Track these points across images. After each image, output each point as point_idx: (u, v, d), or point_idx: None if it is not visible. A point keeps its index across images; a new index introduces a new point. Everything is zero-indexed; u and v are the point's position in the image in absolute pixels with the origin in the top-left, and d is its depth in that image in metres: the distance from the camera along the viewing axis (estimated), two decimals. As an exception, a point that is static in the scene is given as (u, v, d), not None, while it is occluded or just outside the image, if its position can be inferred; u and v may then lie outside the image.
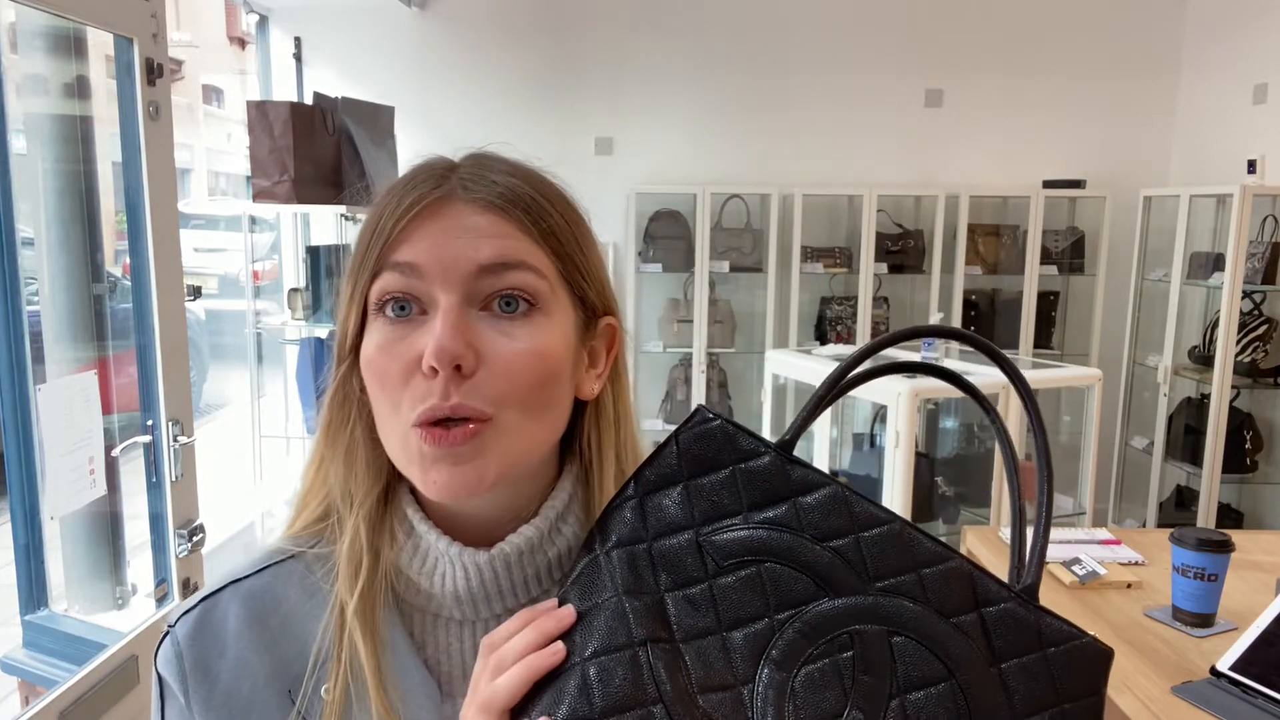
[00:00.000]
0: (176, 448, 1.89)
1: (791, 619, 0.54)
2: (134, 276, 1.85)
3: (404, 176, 0.62)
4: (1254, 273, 3.41)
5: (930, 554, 0.55)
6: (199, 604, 0.63)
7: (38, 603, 1.97)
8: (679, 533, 0.56)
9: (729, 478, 0.56)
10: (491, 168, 0.63)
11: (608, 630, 0.53)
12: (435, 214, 0.59)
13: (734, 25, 4.13)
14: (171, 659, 0.62)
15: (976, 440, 3.36)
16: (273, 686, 0.60)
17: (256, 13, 4.05)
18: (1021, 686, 0.53)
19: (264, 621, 0.62)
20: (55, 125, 1.97)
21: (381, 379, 0.58)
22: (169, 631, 0.63)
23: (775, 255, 4.04)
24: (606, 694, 0.51)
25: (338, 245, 3.08)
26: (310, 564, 0.64)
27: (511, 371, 0.57)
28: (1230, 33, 3.89)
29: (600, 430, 0.65)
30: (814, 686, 0.52)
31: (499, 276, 0.58)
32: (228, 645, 0.61)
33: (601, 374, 0.65)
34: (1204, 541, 1.55)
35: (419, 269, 0.57)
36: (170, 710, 0.62)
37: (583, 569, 0.56)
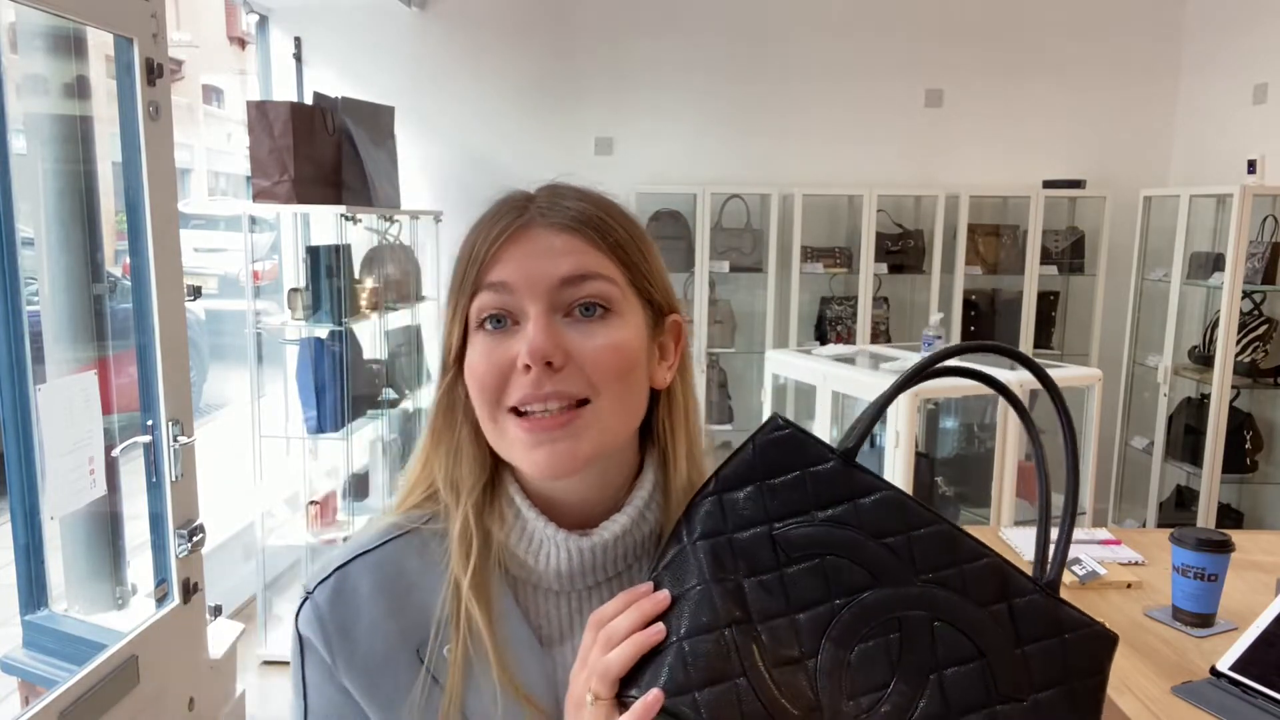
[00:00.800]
0: (176, 448, 1.89)
1: (849, 604, 0.62)
2: (134, 276, 1.86)
3: (490, 210, 0.72)
4: (1254, 273, 3.41)
5: (970, 552, 0.64)
6: (334, 573, 0.72)
7: (38, 603, 1.97)
8: (755, 527, 0.64)
9: (798, 479, 0.65)
10: (563, 195, 0.72)
11: (698, 613, 0.61)
12: (519, 239, 0.69)
13: (734, 26, 4.13)
14: (314, 621, 0.70)
15: (976, 440, 3.36)
16: (403, 646, 0.69)
17: (256, 13, 4.05)
18: (1040, 665, 0.62)
19: (391, 589, 0.71)
20: (55, 125, 1.97)
21: (483, 381, 0.68)
22: (308, 597, 0.71)
23: (775, 255, 4.04)
24: (699, 666, 0.59)
25: (338, 245, 3.08)
26: (425, 539, 0.73)
27: (596, 365, 0.67)
28: (1230, 33, 3.89)
29: (672, 416, 0.75)
30: (866, 662, 0.61)
31: (577, 286, 0.67)
32: (362, 609, 0.70)
33: (672, 365, 0.75)
34: (1204, 541, 1.55)
35: (510, 286, 0.67)
36: (311, 665, 0.71)
37: (673, 557, 0.65)
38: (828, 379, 2.94)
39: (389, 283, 3.52)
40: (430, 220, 4.02)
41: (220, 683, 2.36)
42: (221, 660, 2.35)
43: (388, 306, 3.46)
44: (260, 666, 3.19)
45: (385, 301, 3.42)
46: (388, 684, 0.69)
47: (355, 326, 3.25)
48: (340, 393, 3.10)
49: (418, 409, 3.94)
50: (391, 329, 3.63)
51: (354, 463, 3.36)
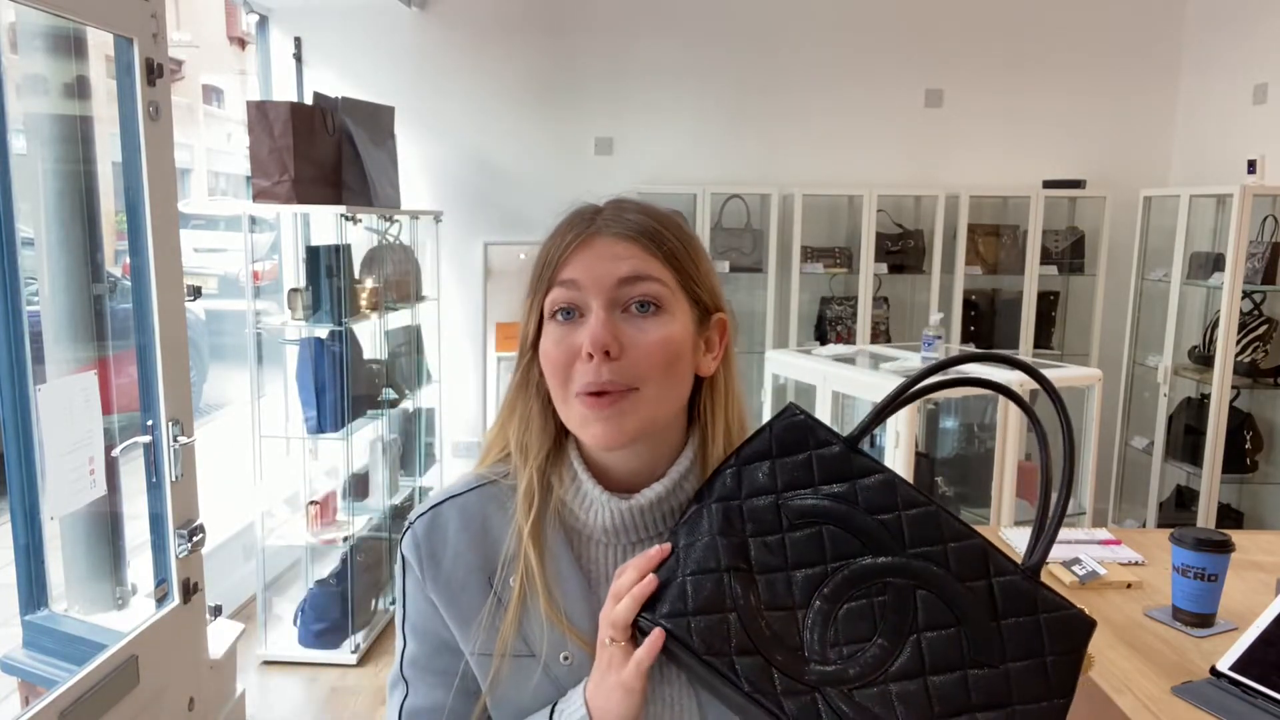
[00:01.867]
0: (176, 448, 1.89)
1: (841, 567, 0.71)
2: (134, 276, 1.85)
3: (564, 220, 0.85)
4: (1254, 273, 3.40)
5: (956, 532, 0.71)
6: (430, 509, 0.88)
7: (38, 603, 1.97)
8: (765, 495, 0.75)
9: (806, 459, 0.75)
10: (626, 209, 0.85)
11: (702, 557, 0.73)
12: (587, 245, 0.82)
13: (734, 25, 4.13)
14: (413, 546, 0.87)
15: (976, 440, 3.36)
16: (479, 574, 0.85)
17: (256, 13, 4.05)
18: (1014, 638, 0.69)
19: (472, 527, 0.87)
20: (55, 125, 1.97)
21: (555, 364, 0.81)
22: (409, 527, 0.88)
23: (775, 255, 4.04)
24: (697, 599, 0.71)
25: (338, 245, 3.08)
26: (503, 490, 0.88)
27: (648, 355, 0.79)
28: (1230, 33, 3.89)
29: (714, 401, 0.87)
30: (852, 617, 0.70)
31: (633, 286, 0.80)
32: (449, 540, 0.86)
33: (716, 356, 0.87)
34: (1204, 541, 1.55)
35: (578, 284, 0.80)
36: (409, 581, 0.88)
37: (690, 514, 0.77)
38: (828, 379, 2.94)
39: (389, 283, 3.52)
40: (430, 220, 4.02)
41: (220, 683, 2.36)
42: (221, 660, 2.35)
43: (388, 306, 3.46)
44: (260, 666, 3.18)
45: (385, 301, 3.42)
46: (464, 602, 0.85)
47: (355, 326, 3.25)
48: (340, 393, 3.10)
49: (418, 409, 3.94)
50: (391, 329, 3.63)
51: (354, 463, 3.36)
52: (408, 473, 3.87)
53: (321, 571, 3.41)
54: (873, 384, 2.86)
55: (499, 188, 4.13)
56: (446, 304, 4.15)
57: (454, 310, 4.24)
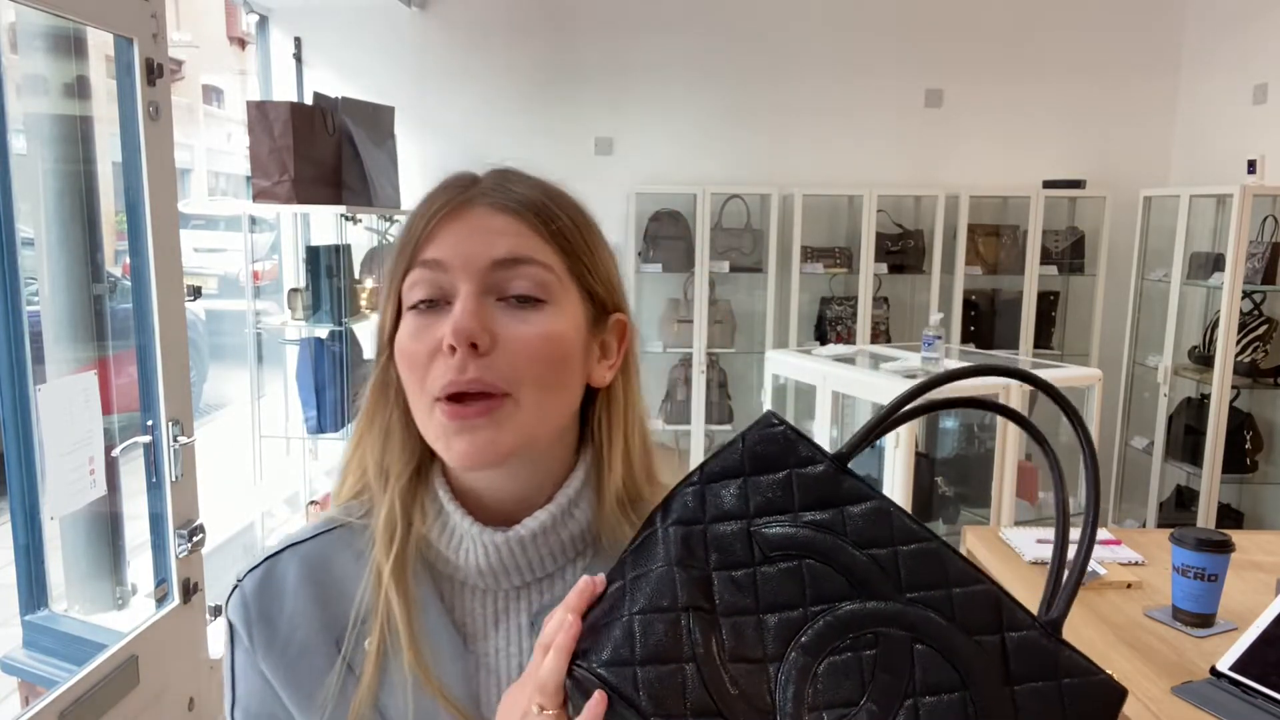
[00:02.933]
0: (176, 448, 1.89)
1: (824, 612, 0.58)
2: (134, 276, 1.85)
3: (434, 188, 0.70)
4: (1254, 273, 3.40)
5: (962, 574, 0.59)
6: (263, 562, 0.72)
7: (38, 603, 1.97)
8: (733, 520, 0.60)
9: (785, 479, 0.61)
10: (511, 179, 0.71)
11: (655, 592, 0.58)
12: (458, 216, 0.67)
13: (734, 25, 4.13)
14: (239, 608, 0.71)
15: (976, 440, 3.36)
16: (323, 636, 0.69)
17: (256, 13, 4.05)
18: (1031, 707, 0.56)
19: (317, 580, 0.71)
20: (55, 125, 1.97)
21: (411, 362, 0.66)
22: (237, 585, 0.72)
23: (775, 255, 4.04)
24: (646, 645, 0.56)
25: (338, 245, 3.08)
26: (356, 532, 0.72)
27: (525, 352, 0.65)
28: (1230, 33, 3.89)
29: (610, 416, 0.72)
30: (836, 674, 0.57)
31: (512, 269, 0.66)
32: (286, 598, 0.70)
33: (613, 365, 0.72)
34: (1204, 541, 1.55)
35: (443, 264, 0.66)
36: (238, 651, 0.72)
37: (643, 539, 0.62)
38: (828, 379, 2.94)
39: (389, 283, 3.51)
40: (430, 220, 4.02)
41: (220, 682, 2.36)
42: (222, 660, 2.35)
43: (388, 306, 3.46)
44: (260, 666, 3.18)
45: (385, 301, 3.42)
46: (305, 673, 0.69)
47: (355, 326, 3.25)
48: (340, 393, 3.10)
49: (418, 409, 3.93)
50: (391, 329, 3.63)
51: (354, 463, 3.36)
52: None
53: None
54: (873, 384, 2.86)
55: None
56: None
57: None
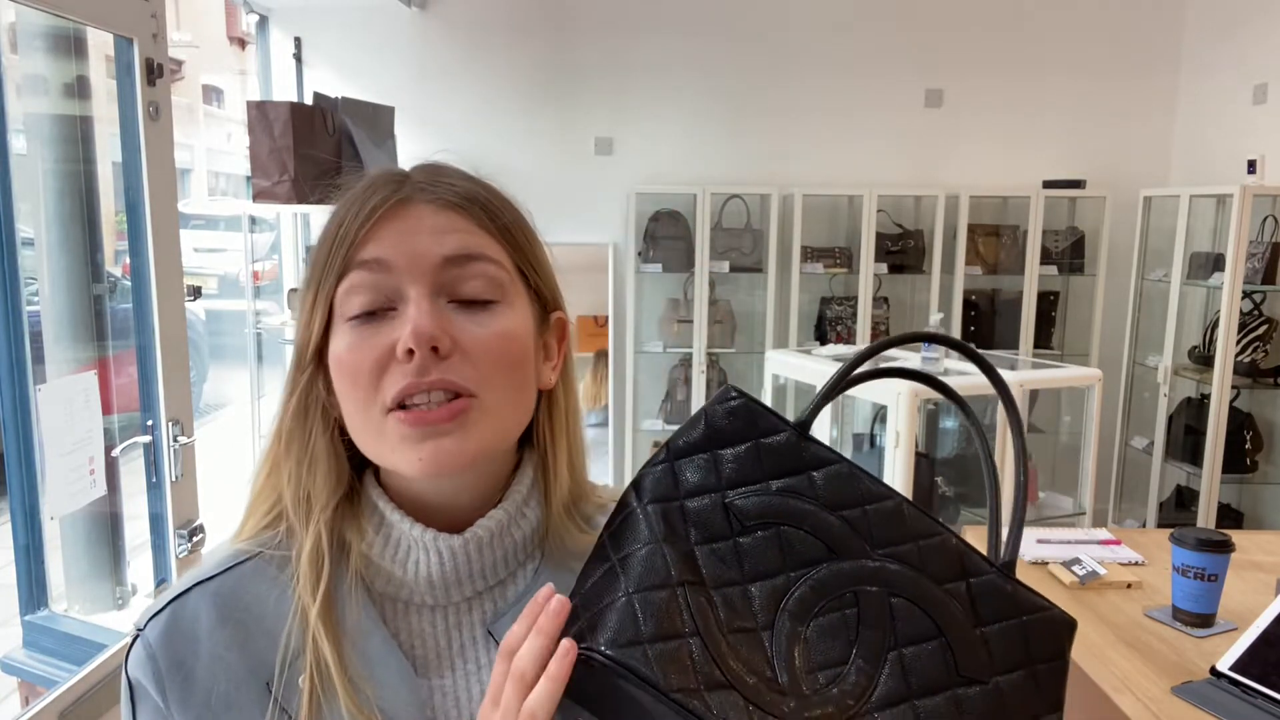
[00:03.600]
0: (176, 448, 1.89)
1: (804, 576, 0.60)
2: (134, 276, 1.85)
3: (359, 186, 0.65)
4: (1254, 273, 3.40)
5: (925, 528, 0.62)
6: (167, 606, 0.64)
7: (38, 603, 1.97)
8: (707, 494, 0.62)
9: (750, 450, 0.63)
10: (444, 173, 0.67)
11: (647, 570, 0.58)
12: (398, 215, 0.63)
13: (734, 25, 4.13)
14: (144, 661, 0.62)
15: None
16: (250, 681, 0.62)
17: (256, 13, 4.05)
18: (1000, 647, 0.60)
19: (235, 618, 0.63)
20: (55, 125, 1.97)
21: (354, 376, 0.61)
22: (138, 635, 0.63)
23: (775, 255, 4.04)
24: (650, 622, 0.56)
25: (338, 245, 3.07)
26: (272, 561, 0.66)
27: (488, 354, 0.62)
28: (1230, 33, 3.89)
29: (553, 420, 0.70)
30: (824, 636, 0.59)
31: (463, 268, 0.62)
32: (200, 643, 0.62)
33: (556, 365, 0.70)
34: (1204, 541, 1.55)
35: (387, 264, 0.61)
36: (143, 713, 0.63)
37: (621, 521, 0.62)
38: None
39: (389, 283, 3.51)
40: (430, 220, 4.02)
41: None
42: None
43: (388, 306, 3.46)
44: (260, 666, 3.18)
45: (385, 301, 3.42)
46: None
47: (355, 326, 3.24)
48: (340, 393, 3.10)
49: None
50: (391, 329, 3.63)
51: (354, 463, 3.36)
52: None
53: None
54: (873, 384, 2.86)
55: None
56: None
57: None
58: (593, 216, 4.13)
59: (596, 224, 4.14)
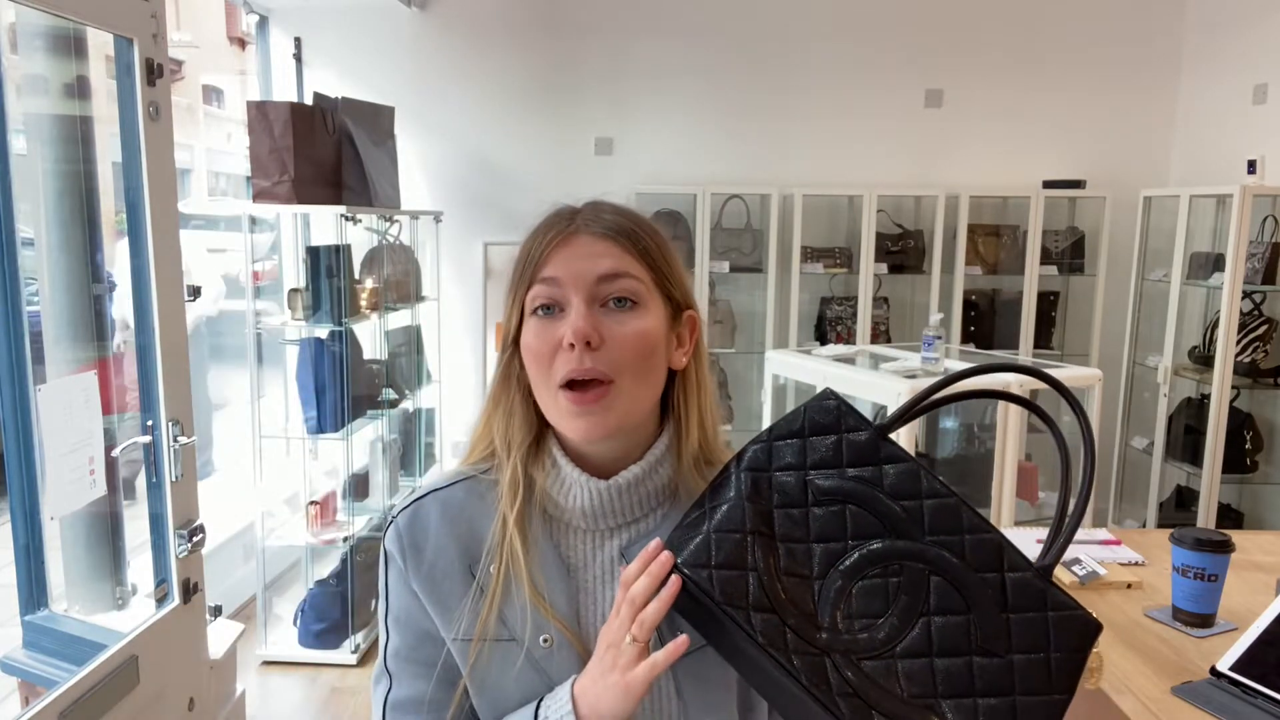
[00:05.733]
0: (176, 448, 1.89)
1: (860, 545, 0.74)
2: (134, 276, 1.85)
3: (544, 220, 0.89)
4: (1254, 273, 3.40)
5: (975, 525, 0.74)
6: (411, 503, 0.91)
7: (38, 603, 1.97)
8: (793, 471, 0.78)
9: (837, 441, 0.78)
10: (603, 209, 0.89)
11: (727, 517, 0.76)
12: (567, 243, 0.86)
13: (734, 26, 4.13)
14: (395, 538, 0.90)
15: (976, 440, 3.36)
16: (460, 564, 0.88)
17: (256, 13, 4.05)
18: (1021, 631, 0.71)
19: (454, 519, 0.90)
20: (55, 125, 1.97)
21: (536, 357, 0.84)
22: (392, 521, 0.91)
23: (775, 255, 4.04)
24: (720, 554, 0.74)
25: (338, 245, 3.07)
26: (483, 485, 0.92)
27: (625, 346, 0.83)
28: (1230, 33, 3.89)
29: (686, 393, 0.91)
30: (866, 594, 0.73)
31: (612, 283, 0.84)
32: (430, 532, 0.89)
33: (688, 351, 0.91)
34: (1204, 541, 1.55)
35: (558, 280, 0.84)
36: (392, 573, 0.90)
37: (721, 480, 0.80)
38: (828, 379, 2.94)
39: (389, 283, 3.51)
40: (430, 220, 4.02)
41: (220, 683, 2.36)
42: (221, 660, 2.35)
43: (387, 307, 3.46)
44: (260, 666, 3.18)
45: (385, 302, 3.42)
46: (446, 591, 0.88)
47: (355, 327, 3.24)
48: (340, 393, 3.10)
49: (418, 409, 3.93)
50: (391, 329, 3.63)
51: (354, 463, 3.36)
52: (408, 473, 3.87)
53: (321, 572, 3.41)
54: (873, 384, 2.86)
55: (499, 188, 4.13)
56: (446, 304, 4.15)
57: (454, 310, 4.24)
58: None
59: (596, 224, 4.13)
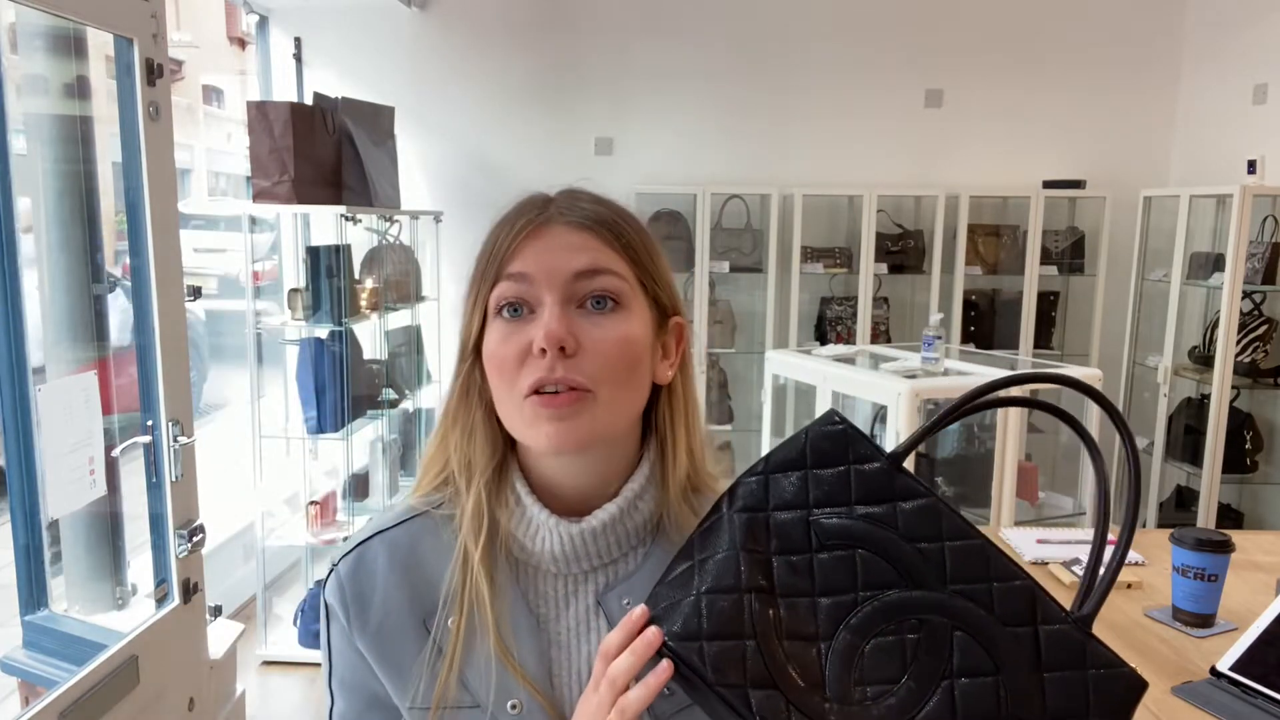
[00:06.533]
0: (176, 448, 1.89)
1: (872, 597, 0.64)
2: (134, 276, 1.85)
3: (513, 208, 0.77)
4: (1254, 273, 3.40)
5: (1004, 571, 0.64)
6: (355, 548, 0.79)
7: (38, 603, 1.97)
8: (794, 510, 0.67)
9: (843, 474, 0.67)
10: (580, 198, 0.78)
11: (720, 573, 0.64)
12: (539, 234, 0.74)
13: (734, 25, 4.13)
14: (336, 590, 0.78)
15: (976, 440, 3.36)
16: (412, 617, 0.76)
17: (256, 13, 4.05)
18: (1057, 694, 0.61)
19: (404, 564, 0.78)
20: (55, 125, 1.97)
21: (501, 365, 0.73)
22: (333, 570, 0.79)
23: (775, 255, 4.04)
24: (713, 622, 0.63)
25: (338, 245, 3.07)
26: (438, 522, 0.80)
27: (604, 354, 0.72)
28: (1230, 33, 3.89)
29: (672, 410, 0.80)
30: (880, 654, 0.62)
31: (590, 280, 0.73)
32: (377, 581, 0.77)
33: (674, 363, 0.80)
34: (1204, 541, 1.55)
35: (528, 276, 0.73)
36: (334, 630, 0.79)
37: (710, 524, 0.68)
38: (828, 379, 2.94)
39: (389, 283, 3.51)
40: (430, 220, 4.02)
41: (220, 683, 2.36)
42: (221, 660, 2.35)
43: (388, 307, 3.46)
44: (260, 666, 3.18)
45: (385, 302, 3.42)
46: (397, 650, 0.76)
47: (355, 327, 3.24)
48: (340, 393, 3.10)
49: (418, 409, 3.93)
50: (391, 329, 3.63)
51: (354, 463, 3.36)
52: (408, 473, 3.86)
53: (321, 572, 3.40)
54: (873, 384, 2.86)
55: (499, 188, 4.07)
56: (446, 304, 4.15)
57: (454, 310, 4.23)
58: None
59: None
